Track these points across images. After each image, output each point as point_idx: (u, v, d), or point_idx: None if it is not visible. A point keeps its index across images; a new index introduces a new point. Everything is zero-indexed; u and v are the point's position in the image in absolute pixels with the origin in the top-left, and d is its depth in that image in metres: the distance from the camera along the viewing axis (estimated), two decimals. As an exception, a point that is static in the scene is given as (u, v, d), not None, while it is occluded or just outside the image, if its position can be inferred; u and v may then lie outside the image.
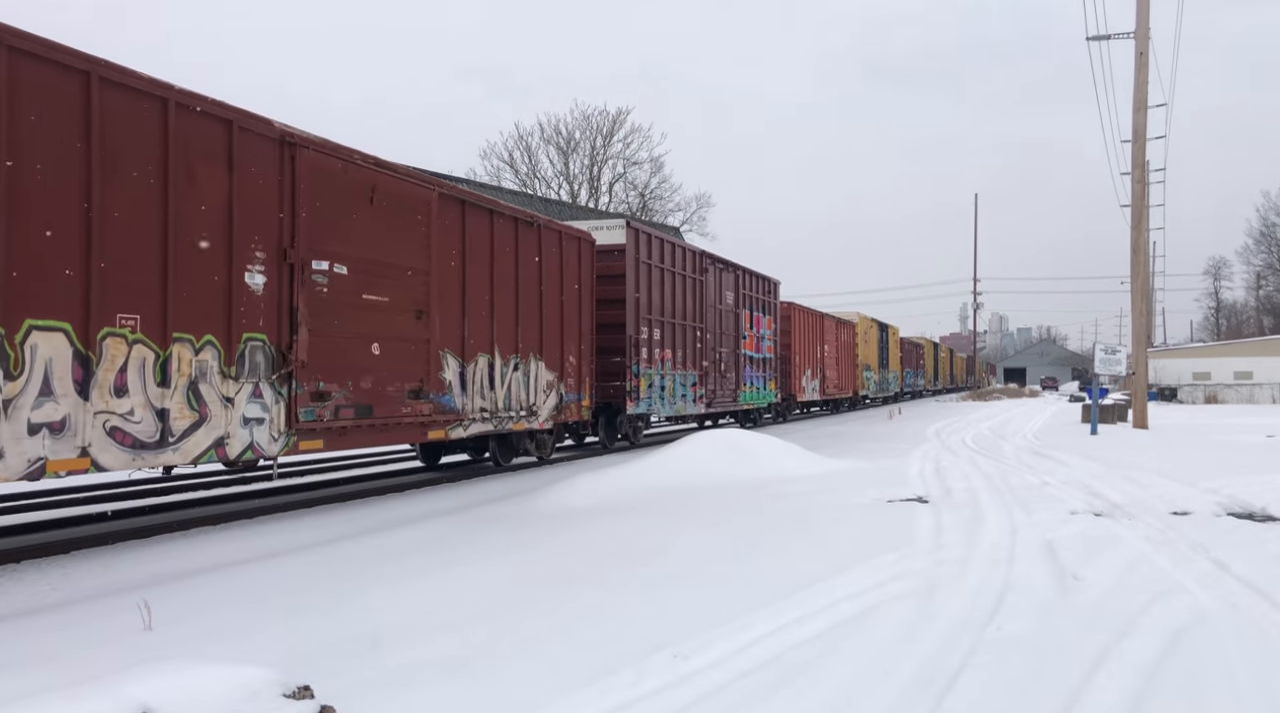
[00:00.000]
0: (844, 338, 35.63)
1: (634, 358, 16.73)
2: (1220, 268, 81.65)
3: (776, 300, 26.24)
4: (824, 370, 32.25)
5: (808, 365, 30.06)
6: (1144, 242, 23.95)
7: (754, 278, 24.32)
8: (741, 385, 22.88)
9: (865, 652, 4.71)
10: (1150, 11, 22.61)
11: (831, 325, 33.70)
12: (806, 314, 30.10)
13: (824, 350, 32.18)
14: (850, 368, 36.68)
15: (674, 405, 18.67)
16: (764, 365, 24.81)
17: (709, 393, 20.63)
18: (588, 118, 49.17)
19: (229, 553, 7.74)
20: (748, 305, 23.45)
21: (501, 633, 5.13)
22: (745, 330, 23.08)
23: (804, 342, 29.55)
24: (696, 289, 19.94)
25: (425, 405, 10.91)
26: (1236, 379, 45.04)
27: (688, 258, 19.76)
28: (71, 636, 5.25)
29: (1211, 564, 6.75)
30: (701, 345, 20.18)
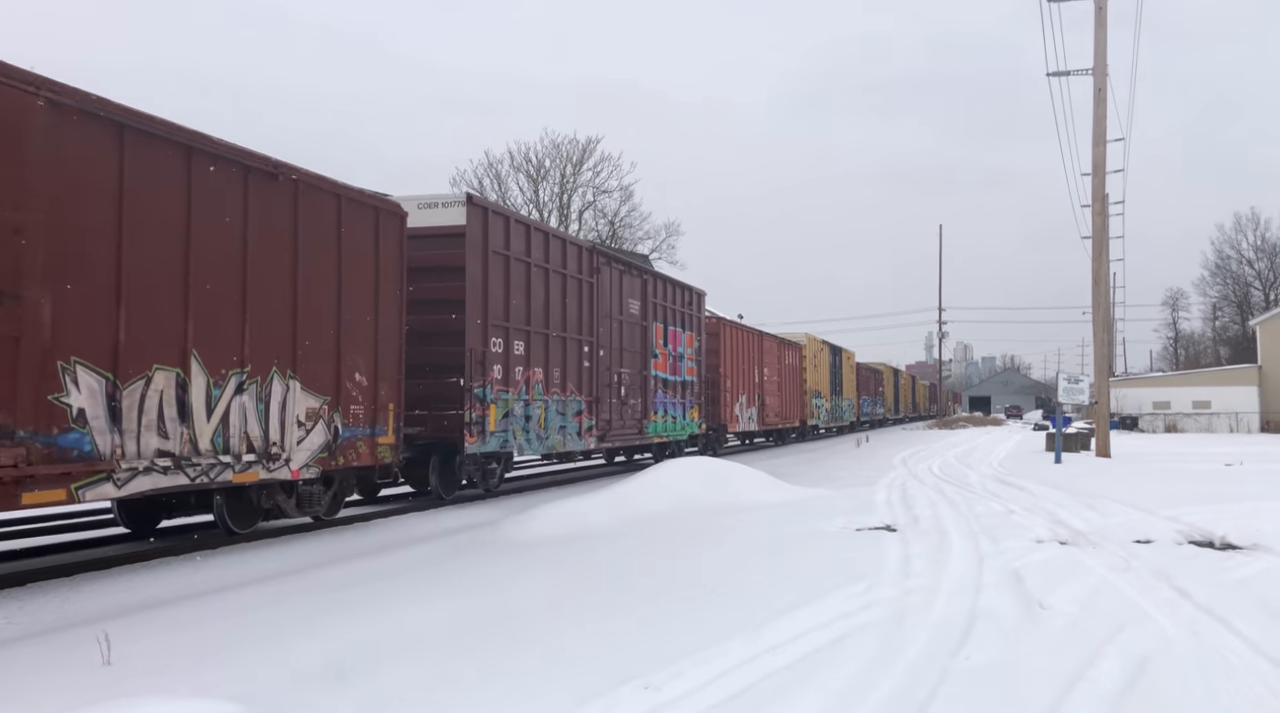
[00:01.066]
0: (789, 361, 32.34)
1: (479, 379, 12.73)
2: (1178, 299, 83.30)
3: (701, 314, 22.47)
4: (763, 397, 28.63)
5: (743, 391, 26.48)
6: (1105, 272, 24.44)
7: (669, 286, 20.58)
8: (651, 414, 18.97)
9: (836, 681, 4.71)
10: (1108, 49, 23.22)
11: (773, 346, 30.28)
12: (740, 332, 26.74)
13: (763, 374, 28.68)
14: (797, 395, 33.31)
15: (546, 441, 14.71)
16: (683, 390, 21.08)
17: (602, 425, 16.67)
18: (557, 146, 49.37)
19: (191, 584, 7.59)
20: (661, 317, 19.70)
21: (467, 664, 5.08)
22: (657, 348, 19.31)
23: (738, 363, 25.93)
24: (585, 293, 16.05)
25: (9, 450, 6.59)
26: (1195, 409, 45.89)
27: (570, 253, 15.61)
28: (28, 671, 5.12)
29: (1173, 592, 6.85)
30: (592, 365, 16.19)
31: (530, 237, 14.52)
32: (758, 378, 28.15)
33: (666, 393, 20.07)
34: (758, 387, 28.15)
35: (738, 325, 26.87)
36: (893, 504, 12.38)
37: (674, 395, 20.53)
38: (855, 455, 25.82)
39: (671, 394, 20.36)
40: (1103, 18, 23.09)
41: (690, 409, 21.58)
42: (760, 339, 28.86)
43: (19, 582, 7.61)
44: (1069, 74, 25.08)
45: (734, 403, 25.66)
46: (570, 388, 15.58)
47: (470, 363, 12.61)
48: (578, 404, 15.86)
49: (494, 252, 13.36)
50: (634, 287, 18.57)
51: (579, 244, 16.54)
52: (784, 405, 31.46)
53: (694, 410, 21.86)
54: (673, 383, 20.45)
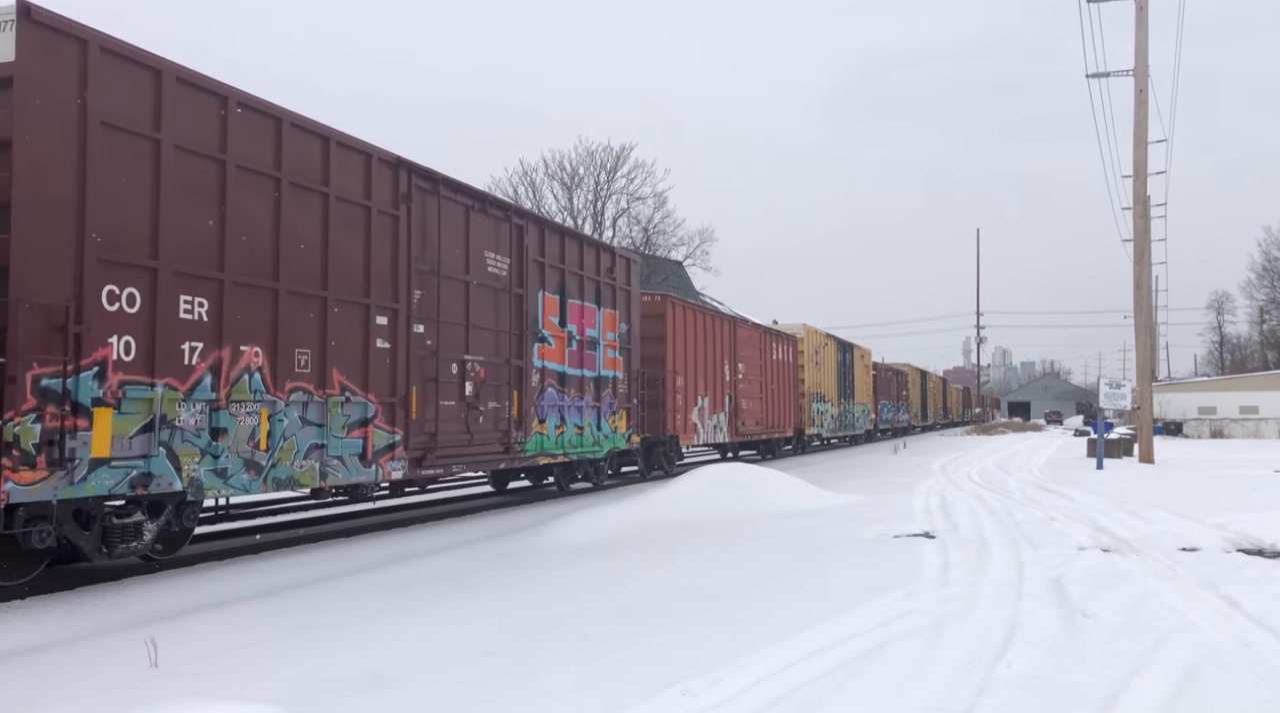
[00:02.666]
0: (779, 356, 26.56)
1: (58, 359, 6.70)
2: (1223, 302, 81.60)
3: (633, 287, 16.85)
4: (738, 400, 22.95)
5: (704, 391, 20.70)
6: (1147, 276, 24.03)
7: (571, 241, 14.75)
8: (534, 423, 13.21)
9: (875, 689, 4.68)
10: (1149, 49, 22.88)
11: (752, 337, 24.52)
12: (700, 316, 20.88)
13: (738, 371, 23.00)
14: (789, 398, 27.72)
15: (275, 470, 8.66)
16: (598, 389, 15.29)
17: (419, 442, 10.64)
18: (591, 153, 49.57)
19: (234, 589, 7.72)
20: (554, 285, 13.97)
21: (505, 670, 5.11)
22: (545, 328, 13.66)
23: (696, 356, 20.25)
24: (382, 232, 10.06)
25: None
26: (1242, 414, 44.91)
27: (343, 162, 9.57)
28: (78, 674, 5.23)
29: (1222, 601, 6.71)
30: (397, 347, 10.24)
31: (229, 115, 8.21)
32: (728, 376, 22.27)
33: (566, 393, 14.25)
34: (728, 387, 22.27)
35: (694, 306, 21.02)
36: (931, 511, 12.26)
37: (581, 396, 14.73)
38: (891, 462, 25.58)
39: (575, 394, 14.53)
40: (1144, 18, 22.76)
41: (611, 416, 15.76)
42: (732, 327, 23.04)
43: (68, 585, 7.78)
44: (1109, 75, 24.77)
45: (689, 408, 19.89)
46: (344, 382, 9.43)
47: (21, 328, 6.43)
48: (363, 409, 9.71)
49: (115, 124, 7.19)
50: (498, 234, 12.48)
51: (365, 150, 9.82)
52: (770, 411, 25.76)
53: (617, 417, 16.05)
54: (577, 379, 14.60)
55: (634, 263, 17.34)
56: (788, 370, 27.68)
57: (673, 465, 19.70)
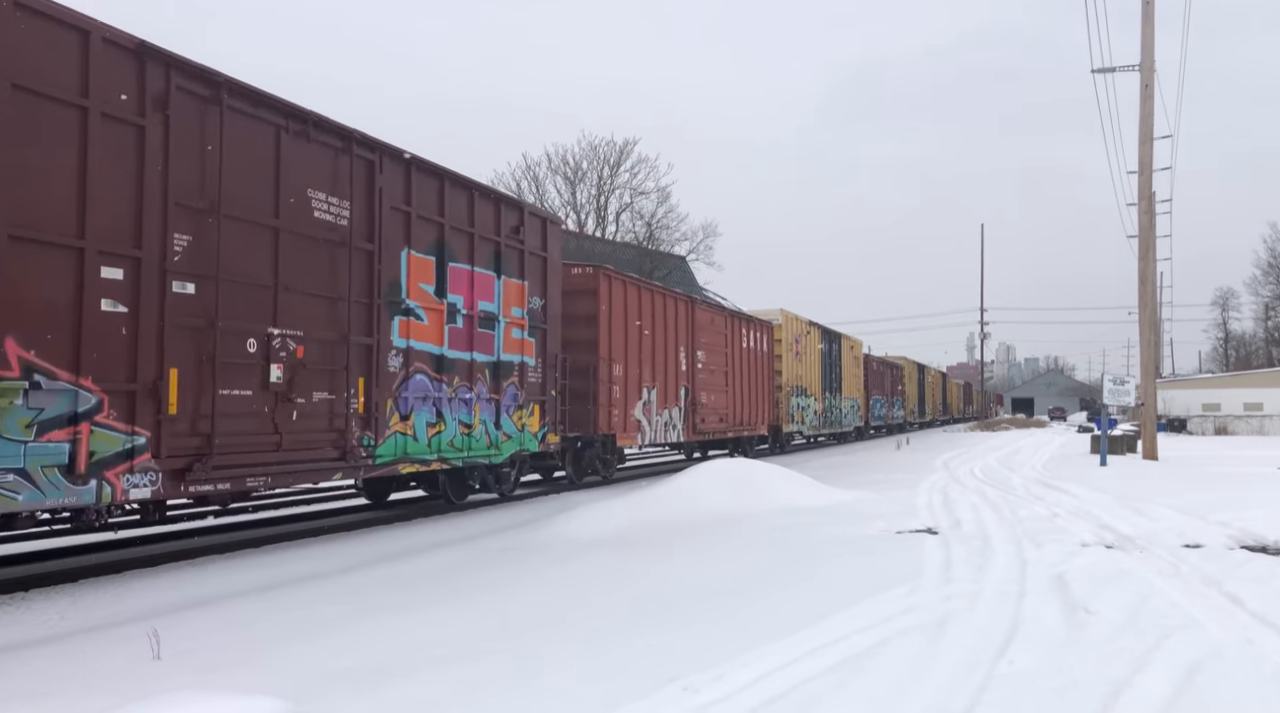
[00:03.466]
0: (750, 345, 23.52)
1: None
2: (1228, 299, 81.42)
3: (553, 254, 13.90)
4: (696, 393, 20.05)
5: (650, 382, 17.79)
6: (1151, 272, 23.97)
7: (455, 187, 11.47)
8: (393, 420, 10.28)
9: (877, 686, 4.68)
10: (1155, 44, 22.78)
11: (714, 321, 21.43)
12: (644, 293, 17.77)
13: (697, 360, 20.11)
14: (763, 391, 24.69)
15: None
16: (497, 378, 12.29)
17: (188, 448, 7.78)
18: (595, 148, 49.51)
19: (236, 582, 7.73)
20: (429, 245, 10.96)
21: (507, 667, 5.11)
22: (411, 297, 10.62)
23: (639, 341, 17.26)
24: (101, 147, 7.05)
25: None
26: (1246, 410, 44.82)
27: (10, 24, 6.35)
28: (81, 666, 5.25)
29: (1225, 599, 6.69)
30: (143, 310, 7.38)
31: None
32: (685, 365, 19.61)
33: (446, 381, 11.22)
34: (684, 378, 19.61)
35: (640, 282, 17.94)
36: (934, 507, 12.25)
37: (470, 386, 11.71)
38: (889, 460, 25.56)
39: (462, 383, 11.55)
40: (1150, 12, 22.66)
41: (517, 411, 12.86)
42: (689, 308, 19.94)
43: (72, 578, 7.80)
44: (1114, 70, 24.64)
45: (631, 401, 16.99)
46: (30, 359, 6.53)
47: None
48: (70, 399, 6.82)
49: None
50: (335, 170, 9.47)
51: (79, 24, 6.95)
52: (738, 406, 22.76)
53: (525, 413, 13.09)
54: (463, 364, 11.61)
55: (552, 224, 14.13)
56: (761, 361, 24.54)
57: (611, 470, 16.95)
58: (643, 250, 46.61)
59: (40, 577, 7.68)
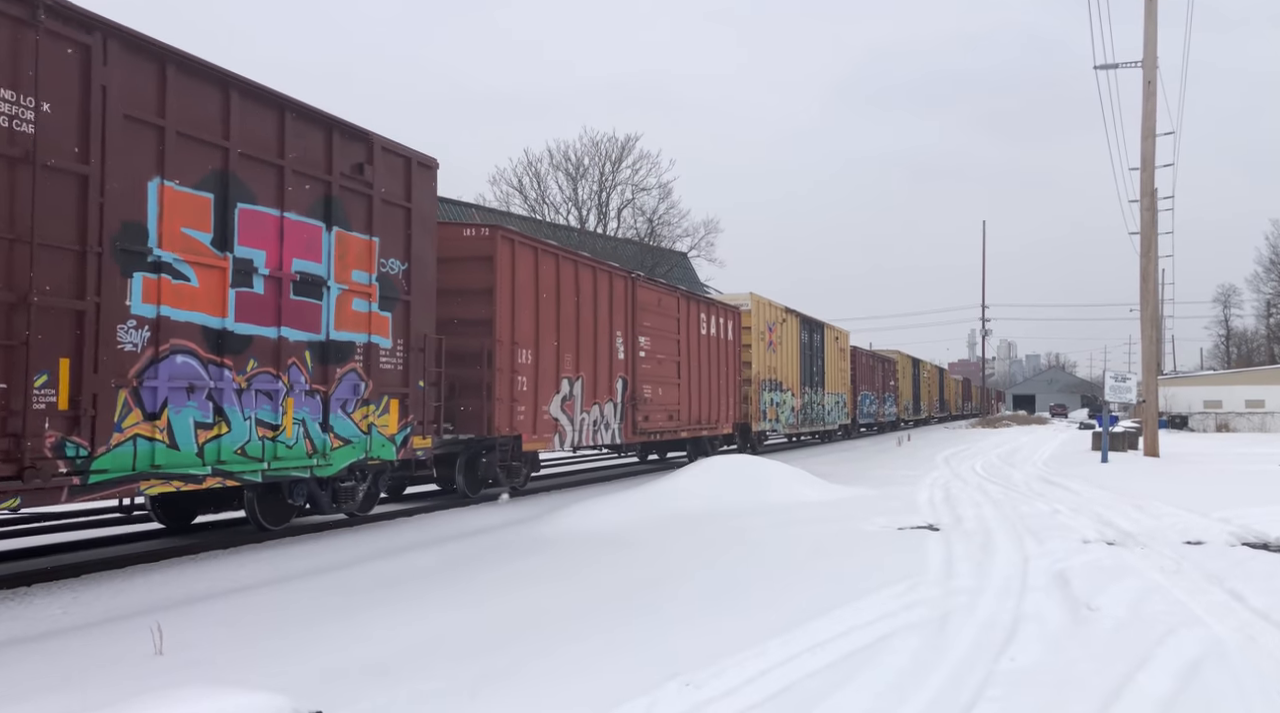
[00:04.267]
0: (712, 332, 20.53)
1: None
2: (1230, 295, 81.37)
3: (421, 206, 10.74)
4: (638, 386, 16.78)
5: (574, 372, 14.57)
6: (1153, 269, 23.95)
7: (247, 100, 8.24)
8: (137, 419, 7.25)
9: (878, 682, 4.68)
10: (1158, 41, 22.74)
11: (666, 304, 18.16)
12: (562, 264, 14.35)
13: (638, 347, 16.82)
14: (727, 385, 21.37)
15: None
16: (328, 362, 9.30)
17: None
18: (596, 144, 49.45)
19: (239, 578, 7.73)
20: (204, 176, 7.87)
21: (511, 661, 5.11)
22: (172, 249, 7.57)
23: (555, 322, 14.04)
24: None
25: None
26: (1248, 407, 44.79)
27: None
28: (83, 661, 5.25)
29: (1227, 595, 6.69)
30: None
31: None
32: (623, 352, 16.32)
33: (235, 366, 8.23)
34: (622, 368, 16.27)
35: (555, 250, 14.40)
36: (935, 504, 12.25)
37: (278, 373, 8.68)
38: (889, 458, 25.56)
39: (267, 369, 8.58)
40: (1153, 8, 22.62)
41: (363, 407, 9.81)
42: (628, 286, 16.54)
43: (74, 573, 7.80)
44: (1117, 67, 24.59)
45: (544, 396, 13.65)
46: None
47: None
48: None
49: None
50: (10, 46, 6.31)
51: None
52: (695, 401, 19.52)
53: (375, 409, 9.99)
54: (267, 343, 8.60)
55: (422, 168, 10.67)
56: (726, 351, 21.43)
57: (519, 479, 13.65)
58: (644, 247, 46.56)
59: (42, 572, 7.68)
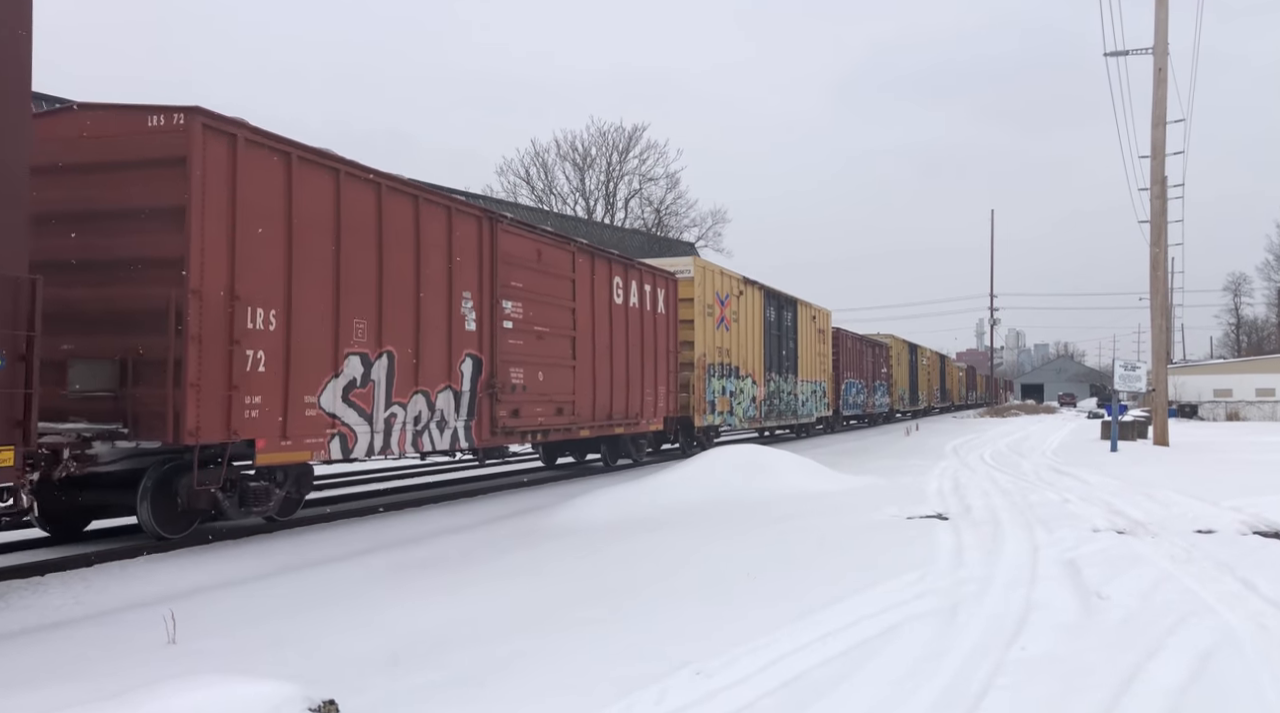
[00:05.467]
0: (632, 303, 16.20)
1: None
2: (1241, 284, 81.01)
3: None
4: (501, 370, 12.12)
5: (374, 346, 9.89)
6: (1163, 257, 23.81)
7: None
8: None
9: (889, 671, 4.68)
10: (1169, 27, 22.55)
11: (545, 258, 13.41)
12: (343, 183, 9.48)
13: (497, 315, 12.17)
14: (657, 368, 17.12)
15: None
16: None
17: None
18: (604, 134, 49.38)
19: (249, 567, 7.76)
20: None
21: (521, 649, 5.13)
22: None
23: (327, 268, 9.32)
24: None
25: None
26: (1259, 396, 44.58)
27: None
28: (96, 650, 5.28)
29: (1238, 584, 6.67)
30: None
31: None
32: (472, 322, 11.65)
33: None
34: (469, 342, 11.58)
35: (334, 164, 9.48)
36: (944, 493, 12.23)
37: None
38: (896, 446, 25.52)
39: None
40: (1163, -6, 22.42)
41: None
42: (483, 228, 11.95)
43: (86, 563, 7.84)
44: (1127, 54, 24.43)
45: (307, 381, 9.06)
46: None
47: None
48: None
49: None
50: None
51: None
52: (599, 391, 14.86)
53: None
54: None
55: None
56: (654, 326, 17.05)
57: (270, 505, 9.11)
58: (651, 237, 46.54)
59: (55, 562, 7.72)
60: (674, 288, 18.23)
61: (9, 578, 7.24)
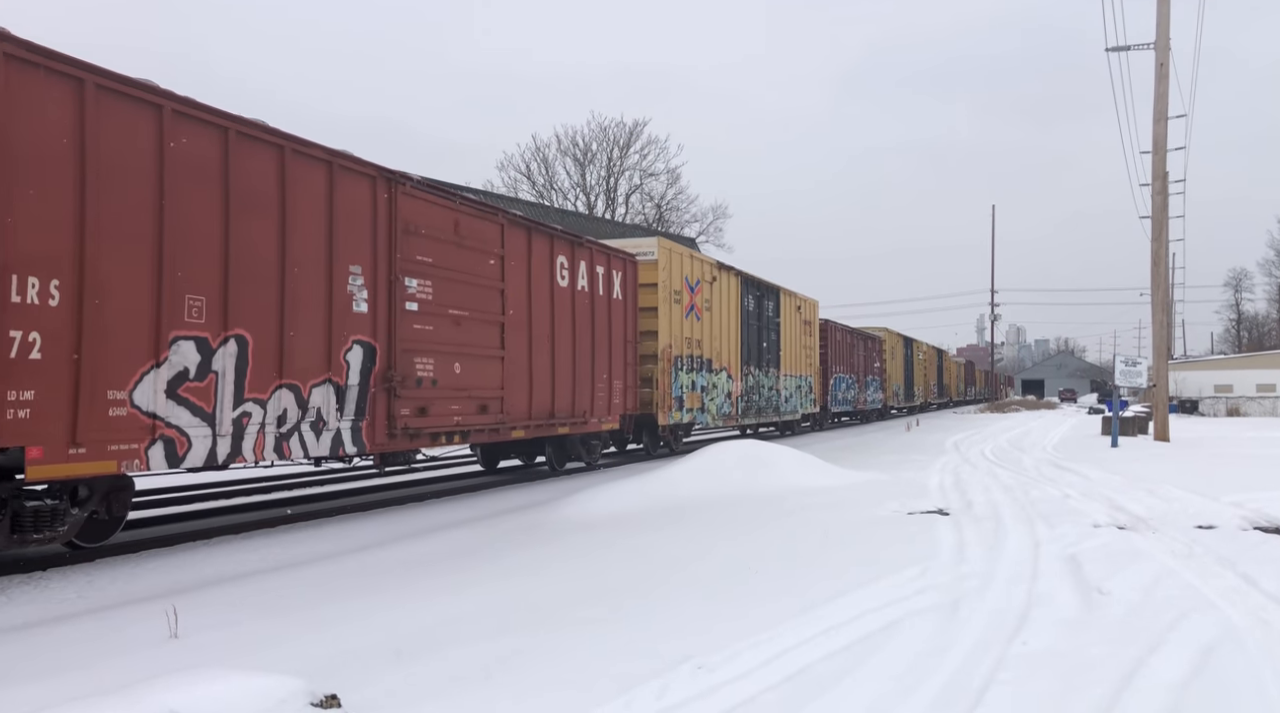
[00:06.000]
0: (581, 286, 14.37)
1: None
2: (1241, 280, 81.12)
3: None
4: (400, 358, 10.14)
5: (220, 327, 8.00)
6: (1164, 253, 23.79)
7: None
8: None
9: (891, 666, 4.68)
10: (1170, 23, 22.51)
11: (462, 228, 11.40)
12: (162, 122, 7.48)
13: (397, 293, 10.13)
14: (612, 361, 15.36)
15: None
16: None
17: None
18: (604, 129, 49.37)
19: (251, 562, 7.78)
20: None
21: (523, 645, 5.13)
22: None
23: (142, 233, 7.34)
24: None
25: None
26: (1259, 392, 44.59)
27: None
28: (98, 644, 5.29)
29: (1239, 579, 6.67)
30: None
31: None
32: (363, 303, 9.69)
33: None
34: (358, 326, 9.63)
35: (157, 99, 7.46)
36: (945, 488, 12.24)
37: None
38: (899, 441, 25.52)
39: None
40: (1165, -11, 22.37)
41: None
42: (378, 189, 9.97)
43: (88, 558, 7.86)
44: (1129, 49, 24.38)
45: (111, 371, 7.09)
46: None
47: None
48: None
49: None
50: None
51: None
52: (537, 386, 13.05)
53: None
54: None
55: None
56: (609, 312, 15.27)
57: (64, 530, 7.28)
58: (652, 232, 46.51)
59: (58, 557, 7.74)
60: (633, 271, 16.44)
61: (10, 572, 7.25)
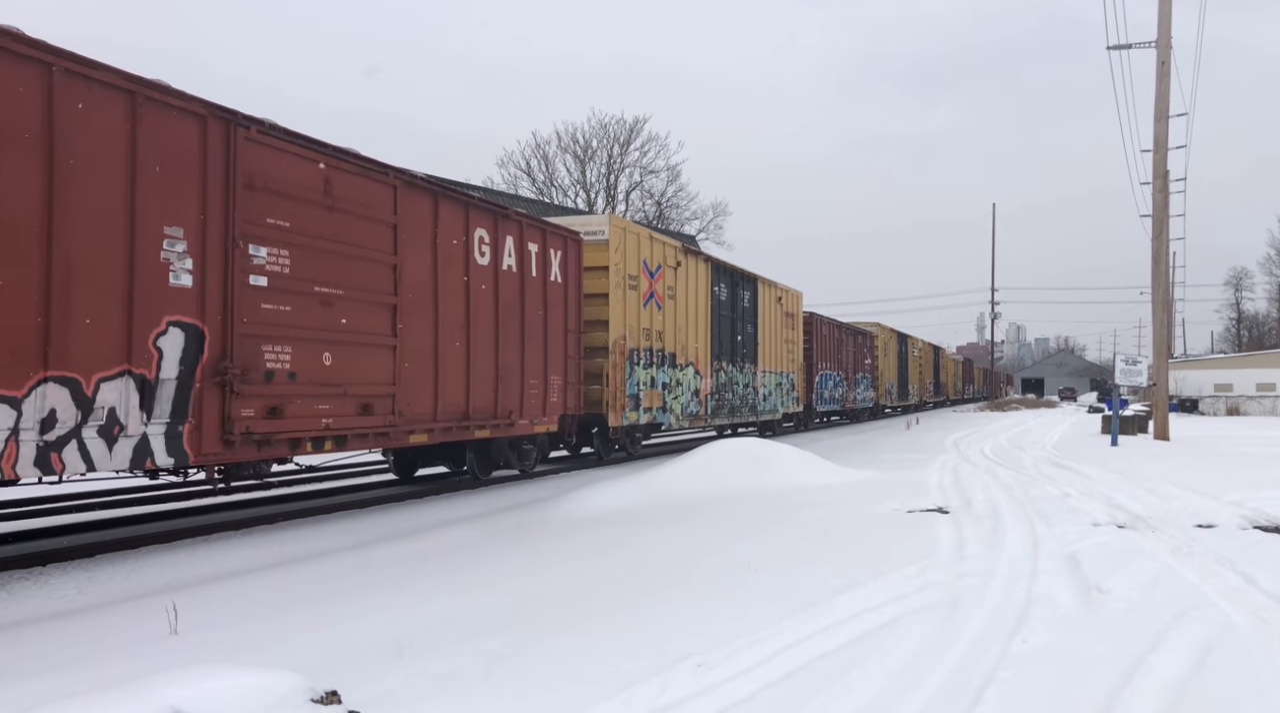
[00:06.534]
0: (508, 266, 12.22)
1: None
2: (1242, 279, 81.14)
3: None
4: (241, 345, 8.07)
5: None
6: (1164, 252, 23.78)
7: None
8: None
9: (890, 664, 4.69)
10: (1172, 21, 22.49)
11: (341, 189, 9.18)
12: None
13: (239, 265, 8.02)
14: (549, 353, 13.31)
15: None
16: None
17: None
18: (605, 126, 49.32)
19: (252, 558, 7.78)
20: None
21: (523, 643, 5.14)
22: None
23: None
24: None
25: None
26: (1259, 391, 44.61)
27: None
28: (99, 640, 5.29)
29: (1238, 578, 6.68)
30: None
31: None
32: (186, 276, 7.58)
33: None
34: (178, 306, 7.52)
35: None
36: (945, 487, 12.24)
37: None
38: (898, 440, 25.52)
39: None
40: (1167, -13, 22.35)
41: None
42: (207, 134, 7.73)
43: (89, 554, 7.87)
44: (1130, 47, 24.37)
45: None
46: None
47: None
48: None
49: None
50: None
51: None
52: (448, 381, 11.03)
53: None
54: None
55: None
56: (545, 298, 13.20)
57: None
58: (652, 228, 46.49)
59: (57, 552, 7.74)
60: (576, 251, 14.26)
61: (11, 568, 7.26)
